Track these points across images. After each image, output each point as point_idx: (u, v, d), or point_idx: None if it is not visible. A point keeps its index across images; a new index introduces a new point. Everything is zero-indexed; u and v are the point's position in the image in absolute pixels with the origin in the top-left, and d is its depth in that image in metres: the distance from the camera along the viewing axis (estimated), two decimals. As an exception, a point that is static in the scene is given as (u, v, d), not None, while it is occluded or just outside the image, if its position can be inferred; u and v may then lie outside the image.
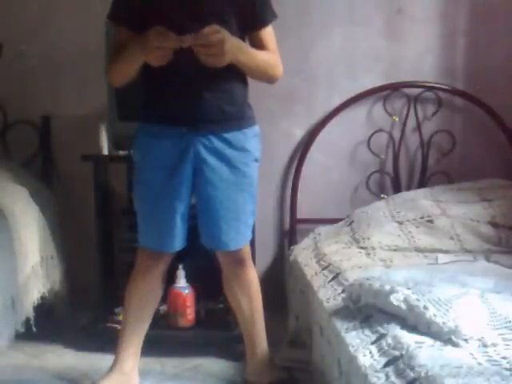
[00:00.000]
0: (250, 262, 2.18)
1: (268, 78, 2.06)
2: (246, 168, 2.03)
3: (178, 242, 2.06)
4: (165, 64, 1.84)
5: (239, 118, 2.02)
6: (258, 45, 1.99)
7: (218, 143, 1.98)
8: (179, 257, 2.33)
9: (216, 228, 2.04)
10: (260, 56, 1.98)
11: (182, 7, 1.91)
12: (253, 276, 2.19)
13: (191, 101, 1.95)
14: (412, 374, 1.32)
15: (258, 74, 2.02)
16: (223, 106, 1.98)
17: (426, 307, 1.52)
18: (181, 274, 2.55)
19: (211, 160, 1.98)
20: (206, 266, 2.53)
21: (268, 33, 2.01)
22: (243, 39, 1.99)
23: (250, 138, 2.04)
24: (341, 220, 2.81)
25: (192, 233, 2.09)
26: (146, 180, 2.04)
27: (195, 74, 1.92)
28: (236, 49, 1.87)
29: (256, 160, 2.08)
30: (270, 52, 2.01)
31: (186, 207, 2.04)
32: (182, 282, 2.55)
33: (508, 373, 1.27)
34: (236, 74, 1.98)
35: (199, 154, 1.97)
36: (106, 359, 2.22)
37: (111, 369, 2.15)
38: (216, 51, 1.81)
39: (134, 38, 1.91)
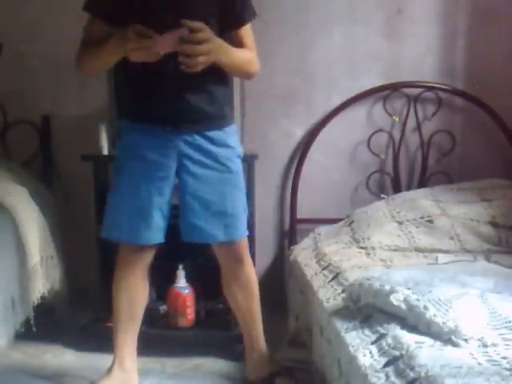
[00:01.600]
0: (248, 259, 2.19)
1: (245, 75, 2.13)
2: (231, 163, 2.06)
3: (155, 236, 2.06)
4: (152, 61, 1.82)
5: (220, 117, 2.05)
6: (237, 42, 2.01)
7: (201, 140, 2.01)
8: (179, 257, 2.34)
9: (203, 221, 2.04)
10: (240, 54, 2.00)
11: (165, 8, 1.90)
12: (251, 274, 2.20)
13: (173, 102, 1.97)
14: (412, 374, 1.32)
15: (236, 71, 2.07)
16: (204, 106, 2.00)
17: (426, 307, 1.52)
18: (181, 274, 2.55)
19: (195, 155, 2.01)
20: (205, 265, 2.53)
21: (247, 31, 2.04)
22: (223, 39, 2.00)
23: (231, 136, 2.09)
24: (341, 220, 2.81)
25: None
26: (127, 173, 2.05)
27: (177, 75, 1.91)
28: (219, 48, 1.88)
29: (239, 156, 2.11)
30: (247, 49, 2.03)
31: (166, 204, 2.05)
32: (182, 282, 2.55)
33: (508, 373, 1.27)
34: (218, 75, 2.00)
35: (183, 151, 2.00)
36: (105, 359, 2.22)
37: (111, 368, 2.15)
38: (203, 60, 1.81)
39: (112, 33, 1.91)
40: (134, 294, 2.15)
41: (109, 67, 2.01)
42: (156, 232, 2.06)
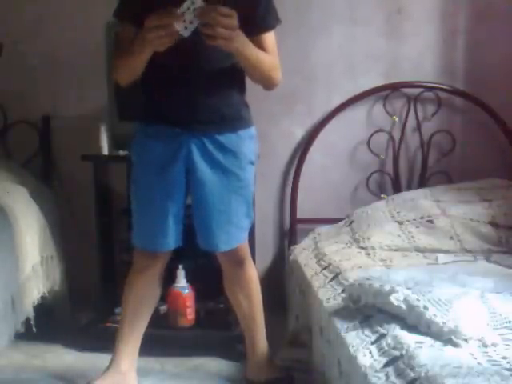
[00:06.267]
0: (249, 261, 2.18)
1: (268, 80, 2.01)
2: (240, 171, 2.03)
3: (172, 242, 2.06)
4: (172, 44, 1.75)
5: (234, 119, 2.01)
6: (259, 49, 1.96)
7: (211, 147, 1.98)
8: (179, 257, 2.33)
9: (207, 229, 2.04)
10: (262, 54, 1.94)
11: None
12: (252, 275, 2.20)
13: (186, 101, 1.95)
14: (412, 374, 1.32)
15: (258, 73, 1.97)
16: (219, 107, 1.97)
17: (425, 307, 1.52)
18: (181, 274, 2.55)
19: (202, 163, 1.98)
20: (206, 265, 2.53)
21: (269, 37, 1.98)
22: None
23: (245, 141, 2.03)
24: (341, 220, 2.81)
25: (191, 233, 2.09)
26: (140, 179, 2.05)
27: (193, 75, 1.91)
28: (243, 41, 1.82)
29: (251, 163, 2.07)
30: (271, 55, 1.98)
31: (180, 207, 2.04)
32: (182, 281, 2.55)
33: (508, 373, 1.27)
34: (234, 76, 1.98)
35: (191, 156, 1.98)
36: (105, 359, 2.21)
37: (108, 368, 2.15)
38: (226, 34, 1.73)
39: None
40: (143, 296, 2.15)
41: (140, 70, 1.90)
42: (172, 238, 2.05)
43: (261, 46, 1.95)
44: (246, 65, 1.93)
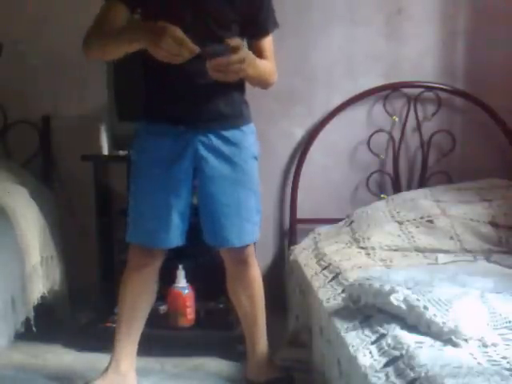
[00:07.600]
0: (253, 261, 2.19)
1: (265, 83, 2.08)
2: (245, 164, 2.05)
3: (174, 239, 2.06)
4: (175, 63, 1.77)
5: (236, 117, 2.04)
6: (257, 52, 1.99)
7: (216, 141, 2.00)
8: (179, 257, 2.34)
9: (218, 225, 2.04)
10: (262, 66, 1.99)
11: (186, 10, 1.90)
12: (255, 275, 2.20)
13: (189, 101, 1.97)
14: (412, 374, 1.32)
15: (258, 82, 2.04)
16: (221, 106, 2.00)
17: (425, 307, 1.52)
18: (181, 273, 2.55)
19: (210, 158, 2.00)
20: (205, 265, 2.54)
21: (268, 41, 2.04)
22: None
23: (248, 135, 2.07)
24: (341, 220, 2.81)
25: (192, 232, 2.09)
26: (142, 177, 2.05)
27: (195, 75, 1.92)
28: (249, 63, 1.84)
29: (255, 157, 2.09)
30: (268, 60, 2.04)
31: (185, 205, 2.04)
32: (182, 282, 2.55)
33: (508, 373, 1.27)
34: None
35: (198, 152, 2.00)
36: (105, 359, 2.21)
37: (107, 369, 2.14)
38: (236, 69, 1.79)
39: (136, 22, 1.89)
40: (139, 295, 2.14)
41: (116, 56, 1.90)
42: (175, 235, 2.05)
43: (260, 49, 2.01)
44: (248, 79, 1.98)
